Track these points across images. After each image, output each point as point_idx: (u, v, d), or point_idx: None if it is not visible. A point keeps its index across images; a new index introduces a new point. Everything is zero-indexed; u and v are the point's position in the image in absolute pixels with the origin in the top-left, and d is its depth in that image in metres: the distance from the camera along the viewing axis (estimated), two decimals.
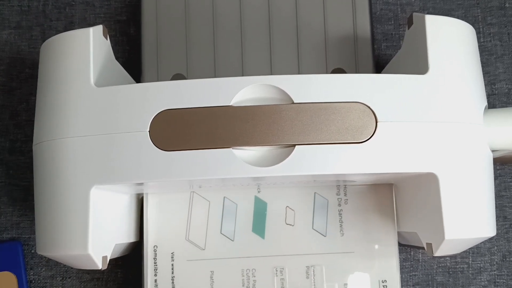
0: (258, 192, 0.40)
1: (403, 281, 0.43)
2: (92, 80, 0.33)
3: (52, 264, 0.43)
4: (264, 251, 0.39)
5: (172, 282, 0.38)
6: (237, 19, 0.43)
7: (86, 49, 0.33)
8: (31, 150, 0.35)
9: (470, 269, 0.43)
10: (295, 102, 0.32)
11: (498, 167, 0.44)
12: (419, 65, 0.34)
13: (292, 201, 0.39)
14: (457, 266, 0.43)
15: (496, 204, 0.37)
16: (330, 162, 0.31)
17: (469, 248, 0.43)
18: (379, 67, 0.44)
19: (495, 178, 0.44)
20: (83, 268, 0.35)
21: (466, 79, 0.33)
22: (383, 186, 0.39)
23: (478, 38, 0.45)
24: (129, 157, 0.31)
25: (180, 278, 0.38)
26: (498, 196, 0.44)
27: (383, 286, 0.39)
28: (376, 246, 0.39)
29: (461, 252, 0.43)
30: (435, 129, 0.32)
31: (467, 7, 0.46)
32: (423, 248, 0.35)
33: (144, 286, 0.38)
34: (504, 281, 0.43)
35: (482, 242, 0.43)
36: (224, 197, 0.39)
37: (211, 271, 0.39)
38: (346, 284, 0.38)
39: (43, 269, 0.43)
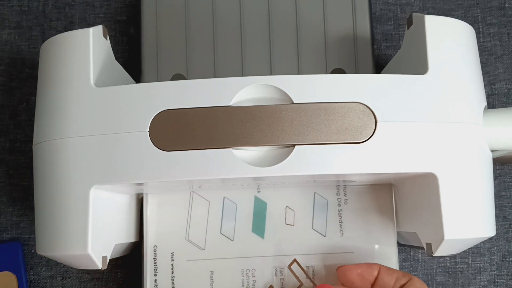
0: (258, 192, 0.40)
1: None
2: (92, 80, 0.33)
3: (52, 264, 0.43)
4: (264, 251, 0.39)
5: (172, 282, 0.38)
6: (237, 19, 0.43)
7: (86, 49, 0.33)
8: (31, 150, 0.35)
9: (470, 269, 0.43)
10: (294, 102, 0.32)
11: (498, 167, 0.44)
12: (418, 65, 0.34)
13: (292, 201, 0.39)
14: (457, 266, 0.43)
15: (496, 204, 0.37)
16: (329, 162, 0.31)
17: (469, 248, 0.43)
18: (379, 67, 0.44)
19: (495, 178, 0.44)
20: (83, 268, 0.35)
21: (465, 79, 0.34)
22: (382, 186, 0.39)
23: (478, 38, 0.45)
24: (129, 157, 0.31)
25: (180, 278, 0.38)
26: (498, 196, 0.44)
27: None
28: (376, 246, 0.39)
29: (461, 252, 0.43)
30: (434, 129, 0.32)
31: (467, 7, 0.46)
32: (422, 248, 0.35)
33: (144, 286, 0.38)
34: (503, 281, 0.43)
35: (482, 242, 0.43)
36: (224, 197, 0.39)
37: (211, 271, 0.39)
38: None
39: (43, 269, 0.43)
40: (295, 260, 0.38)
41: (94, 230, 0.32)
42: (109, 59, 0.36)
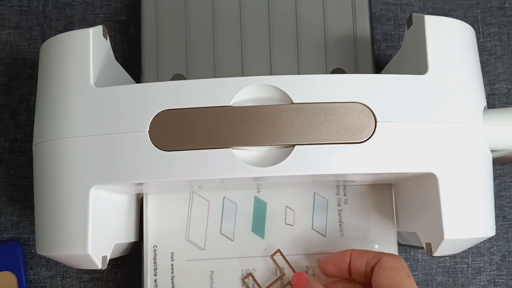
0: (258, 192, 0.40)
1: None
2: (92, 80, 0.33)
3: (52, 264, 0.43)
4: (264, 251, 0.39)
5: (172, 282, 0.38)
6: (237, 19, 0.43)
7: (86, 49, 0.33)
8: (31, 150, 0.35)
9: (470, 269, 0.43)
10: (294, 102, 0.32)
11: (498, 167, 0.44)
12: (418, 65, 0.34)
13: (292, 201, 0.39)
14: (457, 266, 0.43)
15: (495, 204, 0.37)
16: (329, 162, 0.31)
17: (469, 248, 0.43)
18: (378, 67, 0.44)
19: (495, 178, 0.44)
20: (83, 268, 0.35)
21: (465, 79, 0.34)
22: (382, 186, 0.39)
23: (478, 38, 0.45)
24: (129, 157, 0.31)
25: (180, 278, 0.38)
26: (498, 196, 0.44)
27: None
28: (376, 246, 0.39)
29: (461, 252, 0.43)
30: (434, 129, 0.32)
31: (467, 7, 0.46)
32: (422, 248, 0.35)
33: (144, 286, 0.38)
34: (503, 281, 0.43)
35: (482, 242, 0.43)
36: (224, 197, 0.39)
37: (211, 271, 0.39)
38: None
39: (43, 269, 0.43)
40: (278, 251, 0.38)
41: (94, 230, 0.32)
42: (109, 59, 0.36)
